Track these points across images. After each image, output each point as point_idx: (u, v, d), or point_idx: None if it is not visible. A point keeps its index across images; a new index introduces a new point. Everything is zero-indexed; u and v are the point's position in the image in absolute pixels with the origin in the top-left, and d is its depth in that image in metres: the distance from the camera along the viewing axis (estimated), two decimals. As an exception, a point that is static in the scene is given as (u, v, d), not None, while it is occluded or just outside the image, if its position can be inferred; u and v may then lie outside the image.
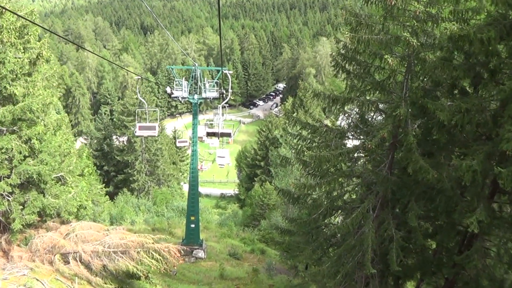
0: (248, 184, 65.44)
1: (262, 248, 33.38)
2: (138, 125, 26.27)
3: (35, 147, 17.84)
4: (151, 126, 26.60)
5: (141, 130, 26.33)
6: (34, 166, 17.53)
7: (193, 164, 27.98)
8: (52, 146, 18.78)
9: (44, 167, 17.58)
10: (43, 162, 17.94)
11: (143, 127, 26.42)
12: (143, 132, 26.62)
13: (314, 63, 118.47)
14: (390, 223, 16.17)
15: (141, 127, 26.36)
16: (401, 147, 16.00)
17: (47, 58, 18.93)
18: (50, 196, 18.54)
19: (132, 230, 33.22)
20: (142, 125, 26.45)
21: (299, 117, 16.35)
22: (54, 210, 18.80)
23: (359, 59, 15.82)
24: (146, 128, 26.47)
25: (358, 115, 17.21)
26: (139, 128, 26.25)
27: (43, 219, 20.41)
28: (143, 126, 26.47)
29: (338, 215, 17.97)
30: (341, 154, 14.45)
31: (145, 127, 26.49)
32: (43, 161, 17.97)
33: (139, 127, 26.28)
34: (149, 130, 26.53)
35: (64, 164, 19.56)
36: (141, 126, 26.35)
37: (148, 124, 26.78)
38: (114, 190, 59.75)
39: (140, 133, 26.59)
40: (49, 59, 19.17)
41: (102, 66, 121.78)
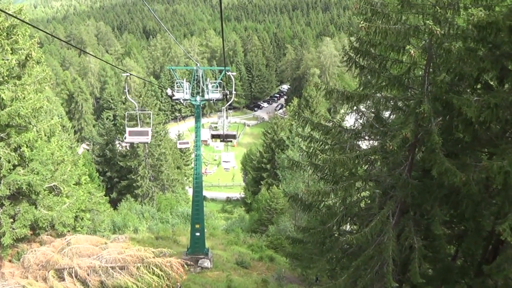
0: (254, 188, 64.12)
1: (270, 256, 32.00)
2: (128, 130, 23.33)
3: (25, 155, 16.56)
4: (143, 131, 23.58)
5: (131, 135, 23.38)
6: (24, 175, 16.25)
7: (196, 169, 26.53)
8: (44, 154, 17.48)
9: (35, 176, 16.30)
10: (34, 171, 16.65)
11: (134, 132, 23.37)
12: (134, 138, 23.75)
13: (318, 64, 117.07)
14: (411, 230, 14.81)
15: (132, 132, 23.37)
16: (421, 148, 14.68)
17: (37, 60, 17.64)
18: (42, 207, 17.25)
19: (135, 239, 32.03)
20: (132, 130, 23.50)
21: (310, 117, 14.92)
22: (47, 222, 17.49)
23: (374, 53, 14.44)
24: (137, 133, 23.39)
25: (373, 113, 15.85)
26: (129, 134, 23.23)
27: (36, 232, 19.12)
28: (134, 131, 23.50)
29: (353, 222, 16.58)
30: (358, 157, 13.10)
31: (137, 132, 23.45)
32: (34, 170, 16.68)
33: (129, 132, 23.23)
34: (140, 136, 23.52)
35: (58, 173, 18.30)
36: (131, 131, 23.36)
37: (139, 129, 23.71)
38: (117, 197, 58.61)
39: (131, 139, 23.70)
40: (40, 60, 17.89)
41: (105, 71, 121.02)
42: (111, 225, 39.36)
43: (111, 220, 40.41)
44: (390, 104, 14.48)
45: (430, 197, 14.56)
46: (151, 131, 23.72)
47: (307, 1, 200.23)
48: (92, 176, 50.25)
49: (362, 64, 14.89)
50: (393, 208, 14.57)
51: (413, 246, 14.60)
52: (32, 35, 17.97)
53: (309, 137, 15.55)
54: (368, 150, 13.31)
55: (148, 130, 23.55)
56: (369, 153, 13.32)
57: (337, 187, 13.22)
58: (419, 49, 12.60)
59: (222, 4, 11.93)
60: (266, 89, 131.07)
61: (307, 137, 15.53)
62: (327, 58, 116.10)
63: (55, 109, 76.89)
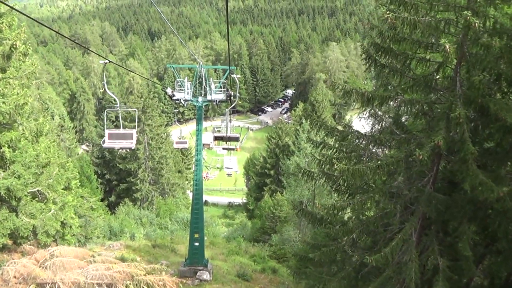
0: (257, 194, 62.47)
1: (273, 267, 30.26)
2: (107, 132, 17.87)
3: (6, 156, 14.94)
4: (126, 134, 17.99)
5: (111, 139, 17.73)
6: (4, 179, 14.64)
7: (197, 175, 24.79)
8: (28, 155, 15.88)
9: (15, 180, 14.69)
10: (15, 174, 15.04)
11: (115, 135, 17.76)
12: (114, 143, 17.85)
13: (324, 68, 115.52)
14: (435, 250, 13.16)
15: (112, 135, 17.82)
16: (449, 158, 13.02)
17: (24, 52, 16.04)
18: (24, 215, 15.65)
19: (130, 247, 30.41)
20: (113, 133, 17.98)
21: (325, 121, 13.28)
22: (29, 231, 15.86)
23: (397, 50, 12.81)
24: (119, 136, 17.71)
25: (392, 118, 14.20)
26: (108, 137, 17.70)
27: (17, 241, 17.48)
28: (115, 134, 17.93)
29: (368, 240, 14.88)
30: (379, 167, 11.42)
31: (118, 135, 17.76)
32: (15, 173, 15.07)
33: (108, 135, 17.74)
34: (123, 140, 17.85)
35: (43, 176, 16.66)
36: (111, 134, 17.87)
37: (122, 131, 17.91)
38: (116, 200, 57.05)
39: (110, 143, 17.84)
40: (26, 52, 16.29)
41: (108, 71, 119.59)
42: (108, 230, 37.81)
43: (108, 225, 38.86)
44: (415, 108, 12.80)
45: (458, 213, 12.91)
46: (136, 134, 18.27)
47: (313, 6, 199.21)
48: (90, 178, 48.79)
49: (383, 63, 13.29)
50: (416, 225, 12.91)
51: (437, 267, 12.99)
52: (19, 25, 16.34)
53: (321, 143, 13.89)
54: (390, 159, 11.64)
55: (132, 132, 18.15)
56: (391, 163, 11.64)
57: (354, 201, 11.53)
58: (454, 45, 10.92)
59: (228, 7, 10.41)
60: (271, 93, 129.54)
61: (320, 144, 13.88)
62: (333, 63, 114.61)
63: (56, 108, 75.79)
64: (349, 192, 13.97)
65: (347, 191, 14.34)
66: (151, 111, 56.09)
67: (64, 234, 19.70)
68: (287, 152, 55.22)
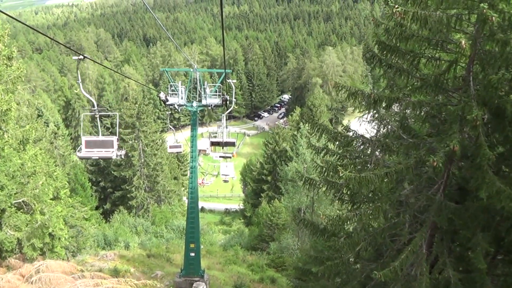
0: (254, 200, 61.49)
1: (272, 277, 29.34)
2: (83, 139, 15.14)
3: (-13, 166, 14.06)
4: (106, 141, 15.11)
5: (89, 148, 14.98)
6: (-14, 190, 13.74)
7: (192, 183, 23.88)
8: (12, 164, 14.95)
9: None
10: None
11: (93, 143, 15.00)
12: (92, 151, 15.01)
13: (320, 73, 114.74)
14: (446, 262, 12.27)
15: (89, 143, 15.09)
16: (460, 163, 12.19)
17: (8, 55, 15.17)
18: (8, 227, 14.70)
19: (125, 257, 29.51)
20: (91, 140, 15.27)
21: (327, 125, 12.43)
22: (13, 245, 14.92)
23: (404, 49, 11.99)
24: (97, 144, 14.89)
25: (398, 122, 13.36)
26: (85, 145, 14.99)
27: (2, 255, 16.53)
28: (93, 141, 15.16)
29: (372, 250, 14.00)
30: (388, 175, 10.57)
31: (97, 143, 14.95)
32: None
33: (85, 143, 15.03)
34: (102, 149, 15.00)
35: (29, 186, 15.74)
36: (89, 142, 15.14)
37: (101, 139, 15.02)
38: (111, 208, 55.98)
39: (87, 153, 14.99)
40: (11, 55, 15.42)
41: (103, 77, 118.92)
42: (102, 239, 36.88)
43: (102, 234, 37.93)
44: (423, 111, 11.97)
45: (471, 223, 12.06)
46: (117, 142, 15.10)
47: (308, 11, 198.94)
48: (85, 186, 47.83)
49: (389, 63, 12.47)
50: (426, 236, 12.04)
51: (449, 280, 12.13)
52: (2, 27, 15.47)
53: (323, 149, 13.04)
54: (399, 166, 10.78)
55: (112, 139, 15.15)
56: (400, 170, 10.77)
57: (360, 211, 10.67)
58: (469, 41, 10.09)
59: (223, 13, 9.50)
60: (267, 98, 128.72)
61: (322, 149, 13.02)
62: (330, 68, 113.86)
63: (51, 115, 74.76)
64: (353, 201, 13.12)
65: (351, 200, 13.49)
66: (146, 117, 55.17)
67: (53, 246, 18.77)
68: (284, 157, 54.38)
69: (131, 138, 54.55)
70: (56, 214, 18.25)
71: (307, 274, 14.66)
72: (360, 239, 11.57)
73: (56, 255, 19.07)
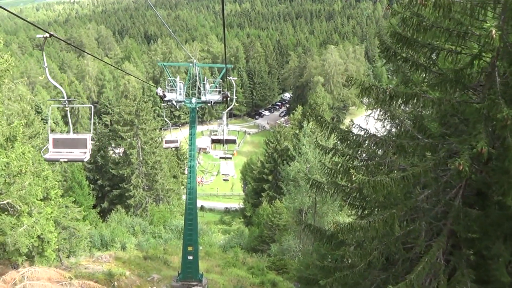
0: (254, 200, 60.46)
1: (273, 280, 28.34)
2: (51, 137, 11.77)
3: (-31, 165, 13.03)
4: (78, 140, 11.82)
5: (57, 148, 11.78)
6: (-34, 191, 12.72)
7: (190, 183, 22.89)
8: (-4, 163, 13.93)
9: (-22, 192, 12.75)
10: (-22, 185, 13.11)
11: (62, 142, 11.74)
12: (61, 153, 11.76)
13: (322, 72, 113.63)
14: (464, 273, 11.25)
15: (58, 142, 11.80)
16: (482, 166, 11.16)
17: (-7, 46, 14.12)
18: (-10, 231, 13.68)
19: (120, 259, 28.54)
20: (60, 138, 11.93)
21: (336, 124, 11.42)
22: (-3, 250, 13.93)
23: (422, 41, 10.98)
24: (67, 143, 11.71)
25: (412, 120, 12.33)
26: (53, 144, 11.77)
27: (-15, 261, 15.55)
28: (62, 140, 11.87)
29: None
30: (405, 179, 9.54)
31: (66, 142, 11.72)
32: (-21, 184, 13.14)
33: (53, 142, 11.77)
34: (73, 149, 11.82)
35: (14, 187, 14.70)
36: (57, 141, 11.83)
37: (72, 137, 11.76)
38: (109, 206, 54.97)
39: (55, 154, 11.77)
40: (-4, 47, 14.36)
41: (103, 74, 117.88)
42: (99, 239, 35.92)
43: (99, 234, 36.96)
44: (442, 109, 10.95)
45: (493, 231, 11.05)
46: (91, 141, 11.91)
47: (310, 10, 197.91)
48: (82, 184, 46.85)
49: (405, 56, 11.45)
50: (444, 246, 11.02)
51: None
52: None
53: (332, 150, 12.01)
54: (417, 169, 9.75)
55: (85, 138, 11.84)
56: (418, 174, 9.75)
57: (374, 218, 9.64)
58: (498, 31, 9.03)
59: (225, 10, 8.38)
60: (268, 96, 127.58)
61: (331, 150, 12.00)
62: (332, 66, 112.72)
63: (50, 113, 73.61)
64: (363, 207, 12.11)
65: (361, 205, 12.48)
66: (145, 114, 54.11)
67: (43, 249, 17.76)
68: (285, 156, 53.37)
69: (130, 136, 53.52)
70: (45, 216, 17.26)
71: (312, 283, 13.66)
72: (373, 249, 10.55)
73: (46, 259, 18.11)
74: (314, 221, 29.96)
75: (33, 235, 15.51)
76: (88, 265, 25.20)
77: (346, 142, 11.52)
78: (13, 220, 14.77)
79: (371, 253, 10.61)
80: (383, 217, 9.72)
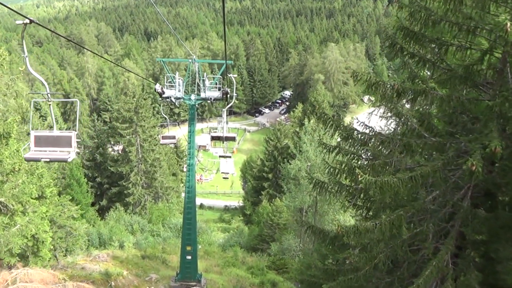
0: (254, 198, 60.03)
1: (273, 280, 27.94)
2: (33, 134, 10.55)
3: (-41, 162, 12.59)
4: (62, 138, 10.56)
5: (39, 146, 10.53)
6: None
7: (189, 181, 22.47)
8: (-13, 161, 13.49)
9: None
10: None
11: (45, 140, 10.50)
12: (41, 152, 10.49)
13: (322, 69, 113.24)
14: (472, 277, 10.82)
15: (40, 140, 10.55)
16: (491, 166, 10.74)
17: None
18: (-19, 231, 13.25)
19: (118, 258, 28.12)
20: (42, 136, 10.62)
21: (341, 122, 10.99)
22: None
23: (430, 36, 10.54)
24: (50, 142, 10.47)
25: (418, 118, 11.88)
26: (35, 143, 10.52)
27: (-23, 261, 15.12)
28: (45, 138, 10.59)
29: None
30: (413, 179, 9.12)
31: (49, 140, 10.50)
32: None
33: (35, 140, 10.52)
34: (56, 148, 10.51)
35: (6, 185, 14.27)
36: (40, 138, 10.56)
37: (55, 134, 10.51)
38: (107, 204, 54.54)
39: (35, 154, 10.51)
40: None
41: (102, 71, 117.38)
42: (97, 238, 35.51)
43: (97, 232, 36.55)
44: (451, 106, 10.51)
45: (503, 234, 10.63)
46: (76, 139, 10.59)
47: (311, 8, 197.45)
48: (80, 182, 46.43)
49: (412, 51, 11.02)
50: (452, 249, 10.60)
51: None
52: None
53: (336, 148, 11.58)
54: (425, 169, 9.33)
55: (70, 135, 10.54)
56: (426, 174, 9.33)
57: (381, 220, 9.22)
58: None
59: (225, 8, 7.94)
60: (268, 94, 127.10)
61: (334, 148, 11.57)
62: (332, 64, 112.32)
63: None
64: (368, 207, 11.68)
65: (365, 206, 12.05)
66: (144, 111, 53.65)
67: (38, 249, 17.34)
68: (286, 154, 52.92)
69: (129, 133, 53.05)
70: (40, 215, 16.83)
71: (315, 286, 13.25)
72: (378, 252, 10.13)
73: (40, 260, 17.68)
74: (314, 220, 29.57)
75: (27, 234, 15.11)
76: (85, 265, 24.78)
77: (350, 140, 11.09)
78: (6, 220, 14.37)
79: (377, 257, 10.18)
80: (390, 219, 9.30)
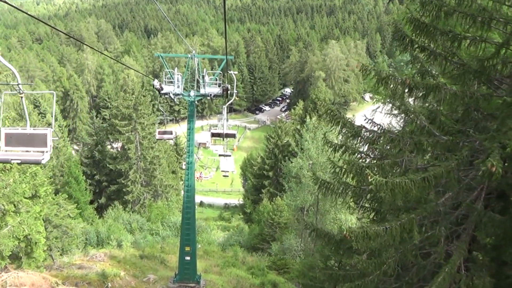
0: (254, 196, 59.40)
1: (273, 281, 27.38)
2: (3, 132, 9.16)
3: None
4: (36, 135, 9.12)
5: (11, 145, 9.13)
6: None
7: (188, 180, 21.91)
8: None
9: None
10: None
11: (16, 138, 9.08)
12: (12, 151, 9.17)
13: (323, 67, 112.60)
14: (485, 283, 10.26)
15: (12, 139, 9.14)
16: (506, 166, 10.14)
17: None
18: (-30, 233, 12.68)
19: (115, 258, 27.59)
20: (14, 133, 9.20)
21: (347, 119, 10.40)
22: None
23: (442, 28, 9.95)
24: (22, 140, 9.04)
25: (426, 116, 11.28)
26: (5, 141, 9.12)
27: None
28: (16, 135, 9.16)
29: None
30: (425, 180, 8.55)
31: (21, 138, 9.05)
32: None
33: (5, 138, 9.12)
34: (30, 147, 9.14)
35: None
36: (11, 136, 9.15)
37: (28, 131, 9.09)
38: (106, 202, 54.02)
39: (5, 154, 9.14)
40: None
41: (102, 68, 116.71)
42: (94, 236, 34.96)
43: (95, 230, 35.99)
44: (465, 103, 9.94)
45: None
46: (52, 137, 9.25)
47: (311, 5, 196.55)
48: (79, 179, 45.93)
49: (423, 45, 10.42)
50: (465, 253, 10.04)
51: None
52: None
53: (342, 147, 11.00)
54: (438, 169, 8.76)
55: (45, 132, 9.25)
56: (440, 175, 8.75)
57: (391, 225, 8.65)
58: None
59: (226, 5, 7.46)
60: (269, 92, 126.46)
61: (340, 146, 10.99)
62: (333, 61, 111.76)
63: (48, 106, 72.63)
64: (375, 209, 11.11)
65: (372, 207, 11.48)
66: (143, 108, 53.07)
67: (32, 250, 16.77)
68: (287, 152, 52.35)
69: (128, 130, 52.47)
70: (33, 215, 16.25)
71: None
72: (388, 257, 9.56)
73: (34, 261, 17.09)
74: (316, 220, 29.03)
75: (19, 235, 14.55)
76: (82, 264, 24.25)
77: (358, 139, 10.51)
78: (-5, 221, 13.81)
79: (386, 262, 9.61)
80: (401, 223, 8.74)
